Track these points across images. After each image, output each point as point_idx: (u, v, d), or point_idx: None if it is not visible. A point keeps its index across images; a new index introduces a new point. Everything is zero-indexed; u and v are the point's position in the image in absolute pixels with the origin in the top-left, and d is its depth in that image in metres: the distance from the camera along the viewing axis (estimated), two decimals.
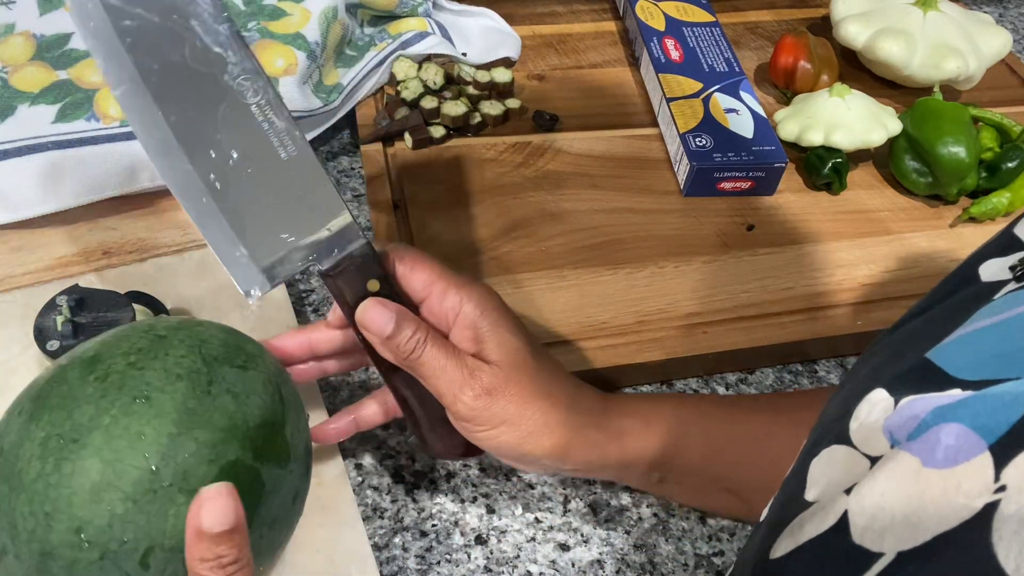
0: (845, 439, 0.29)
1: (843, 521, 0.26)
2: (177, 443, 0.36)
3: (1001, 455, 0.23)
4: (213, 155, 0.40)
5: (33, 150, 0.59)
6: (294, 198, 0.42)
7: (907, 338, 0.32)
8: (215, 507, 0.34)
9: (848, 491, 0.27)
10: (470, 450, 0.46)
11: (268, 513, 0.39)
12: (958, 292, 0.33)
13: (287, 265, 0.42)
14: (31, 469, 0.35)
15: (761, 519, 0.33)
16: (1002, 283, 0.31)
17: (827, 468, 0.29)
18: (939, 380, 0.27)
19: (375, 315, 0.42)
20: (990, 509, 0.23)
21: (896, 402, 0.28)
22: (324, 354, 0.48)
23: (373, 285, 0.43)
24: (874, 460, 0.27)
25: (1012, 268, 0.32)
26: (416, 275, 0.44)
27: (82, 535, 0.35)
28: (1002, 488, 0.23)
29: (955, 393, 0.26)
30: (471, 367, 0.43)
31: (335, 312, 0.46)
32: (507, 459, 0.45)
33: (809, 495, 0.29)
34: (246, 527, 0.35)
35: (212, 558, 0.34)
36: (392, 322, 0.41)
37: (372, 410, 0.48)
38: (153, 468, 0.35)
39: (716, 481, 0.48)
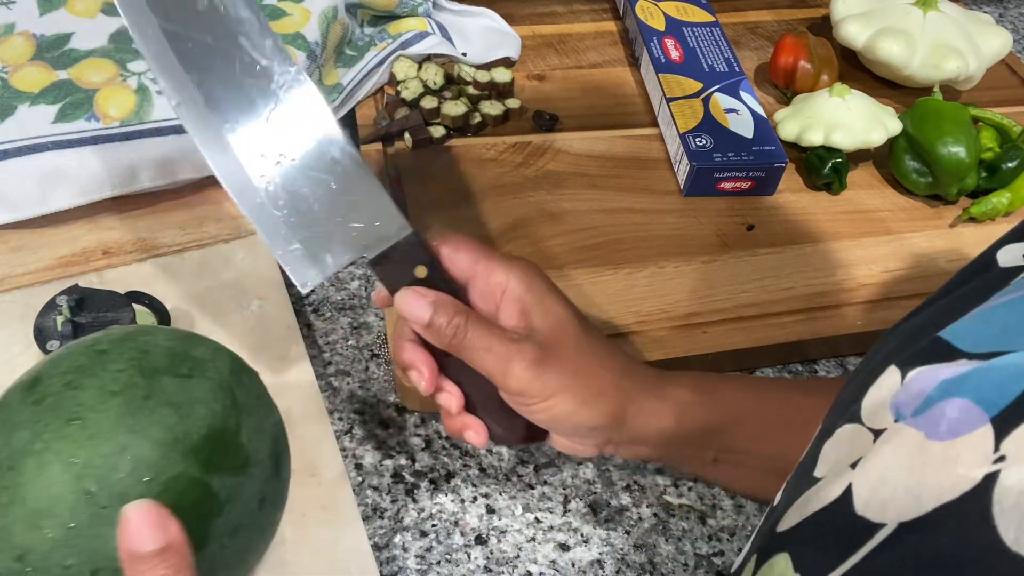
0: (856, 418, 0.29)
1: (847, 494, 0.26)
2: (111, 463, 0.35)
3: (1002, 427, 0.24)
4: (263, 156, 0.43)
5: (33, 150, 0.59)
6: (342, 195, 0.43)
7: (922, 325, 0.32)
8: (139, 527, 0.33)
9: (853, 466, 0.27)
10: (532, 434, 0.46)
11: (226, 523, 0.37)
12: (975, 279, 0.33)
13: (338, 257, 0.43)
14: None
15: (775, 503, 0.33)
16: (1020, 268, 0.31)
17: (836, 446, 0.29)
18: (946, 353, 0.27)
19: (412, 303, 0.42)
20: (990, 480, 0.23)
21: (903, 376, 0.28)
22: None
23: (420, 271, 0.44)
24: (877, 433, 0.27)
25: None
26: (461, 256, 0.44)
27: (25, 562, 0.34)
28: (1002, 458, 0.23)
29: (960, 364, 0.26)
30: (517, 341, 0.42)
31: (379, 294, 0.46)
32: (564, 433, 0.45)
33: (818, 472, 0.29)
34: (184, 542, 0.34)
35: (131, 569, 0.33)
36: (429, 309, 0.42)
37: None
38: (89, 491, 0.34)
39: (769, 461, 0.47)
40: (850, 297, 0.62)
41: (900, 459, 0.25)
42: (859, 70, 0.82)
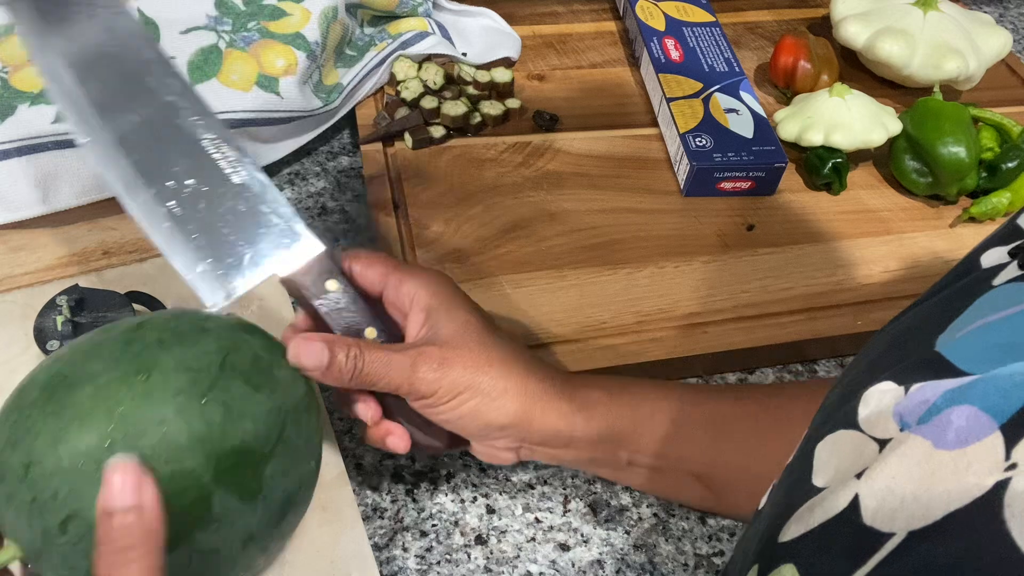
0: (853, 424, 0.29)
1: (854, 504, 0.26)
2: (143, 428, 0.36)
3: (1012, 434, 0.23)
4: (172, 185, 0.44)
5: (33, 150, 0.59)
6: (250, 215, 0.45)
7: (906, 330, 0.32)
8: (121, 481, 0.33)
9: (859, 476, 0.27)
10: (453, 441, 0.46)
11: (207, 541, 0.37)
12: (958, 283, 0.33)
13: (249, 276, 0.44)
14: (33, 394, 0.37)
15: (760, 507, 0.33)
16: (1001, 266, 0.31)
17: (834, 452, 0.29)
18: (948, 372, 0.27)
19: (307, 351, 0.42)
20: (1001, 487, 0.23)
21: (906, 390, 0.28)
22: None
23: (332, 284, 0.45)
24: (883, 443, 0.27)
25: (1011, 252, 0.32)
26: (372, 270, 0.46)
27: (28, 471, 0.35)
28: (1013, 466, 0.23)
29: (963, 379, 0.26)
30: (417, 347, 0.43)
31: (300, 316, 0.47)
32: (476, 436, 0.45)
33: (817, 480, 0.29)
34: (158, 520, 0.34)
35: (108, 538, 0.33)
36: (325, 351, 0.42)
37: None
38: (109, 442, 0.35)
39: (684, 463, 0.47)
40: (850, 297, 0.62)
41: (908, 468, 0.25)
42: (859, 70, 0.82)
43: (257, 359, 0.40)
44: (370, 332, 0.45)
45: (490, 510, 0.51)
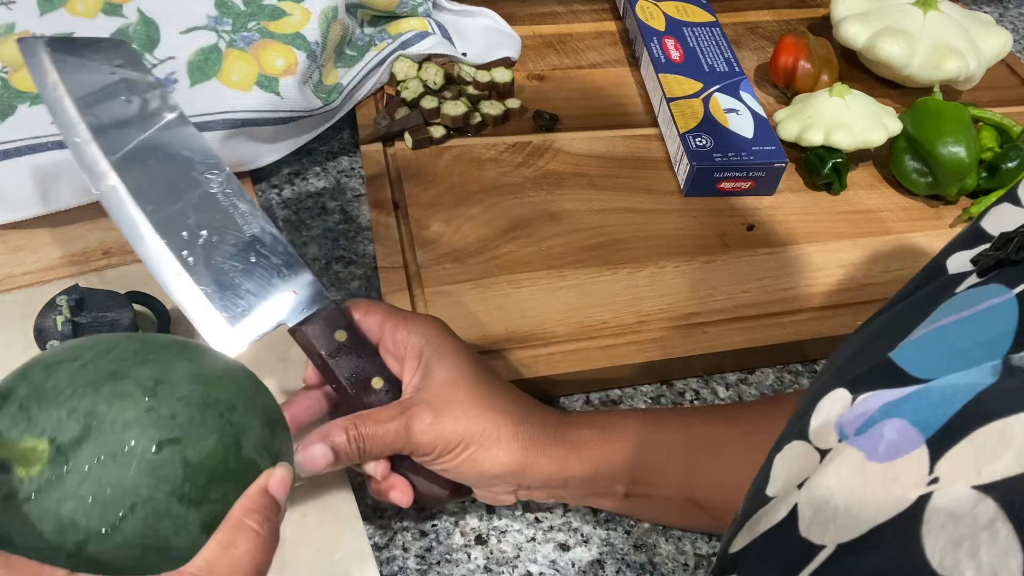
0: (804, 435, 0.29)
1: (792, 514, 0.27)
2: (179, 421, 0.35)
3: (937, 448, 0.24)
4: (185, 236, 0.46)
5: (33, 150, 0.59)
6: (261, 267, 0.47)
7: (872, 336, 0.33)
8: (282, 480, 0.37)
9: (800, 486, 0.27)
10: (457, 490, 0.47)
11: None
12: (926, 286, 0.33)
13: (259, 326, 0.46)
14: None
15: (736, 517, 0.33)
16: (965, 275, 0.31)
17: (786, 463, 0.30)
18: (899, 379, 0.27)
19: (311, 457, 0.43)
20: (923, 501, 0.23)
21: (854, 400, 0.28)
22: (309, 423, 0.48)
23: (340, 335, 0.46)
24: (823, 453, 0.28)
25: (973, 261, 0.32)
26: (370, 319, 0.47)
27: (81, 420, 0.34)
28: (935, 480, 0.23)
29: (904, 389, 0.26)
30: (408, 408, 0.44)
31: (309, 369, 0.48)
32: (474, 484, 0.47)
33: (770, 491, 0.29)
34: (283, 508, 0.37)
35: (259, 508, 0.35)
36: (328, 450, 0.43)
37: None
38: (152, 407, 0.34)
39: (679, 490, 0.48)
40: (850, 297, 0.62)
41: (842, 480, 0.25)
42: (859, 70, 0.82)
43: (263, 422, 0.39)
44: (376, 382, 0.46)
45: (490, 510, 0.51)
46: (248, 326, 0.45)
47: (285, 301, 0.46)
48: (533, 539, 0.50)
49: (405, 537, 0.49)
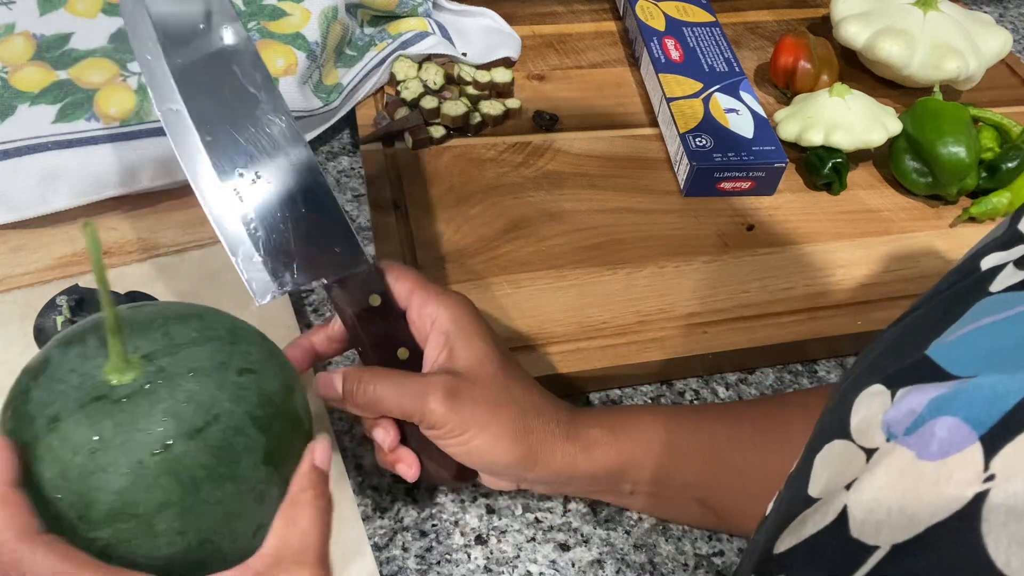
0: (845, 433, 0.29)
1: (842, 516, 0.26)
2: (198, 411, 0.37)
3: (991, 445, 0.24)
4: (240, 174, 0.46)
5: (33, 150, 0.59)
6: (308, 220, 0.46)
7: (904, 333, 0.32)
8: (325, 451, 0.40)
9: (848, 487, 0.27)
10: (462, 473, 0.47)
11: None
12: (956, 286, 0.33)
13: (298, 278, 0.46)
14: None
15: (766, 514, 0.33)
16: (995, 271, 0.31)
17: (828, 462, 0.29)
18: (938, 376, 0.27)
19: (325, 383, 0.45)
20: (979, 499, 0.23)
21: (893, 395, 0.28)
22: (325, 357, 0.49)
23: (374, 300, 0.46)
24: (870, 453, 0.27)
25: (1017, 263, 0.31)
26: (399, 286, 0.47)
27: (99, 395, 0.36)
28: (991, 477, 0.23)
29: (949, 384, 0.26)
30: (432, 378, 0.44)
31: (336, 324, 0.48)
32: (479, 467, 0.46)
33: (812, 491, 0.29)
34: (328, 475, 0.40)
35: (311, 484, 0.39)
36: (339, 383, 0.44)
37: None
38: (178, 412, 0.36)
39: (685, 490, 0.48)
40: (850, 297, 0.62)
41: (893, 480, 0.25)
42: (859, 70, 0.82)
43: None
44: (402, 352, 0.46)
45: (490, 510, 0.51)
46: (287, 276, 0.45)
47: (326, 257, 0.46)
48: (533, 539, 0.50)
49: (405, 537, 0.50)
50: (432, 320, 0.46)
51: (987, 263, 0.32)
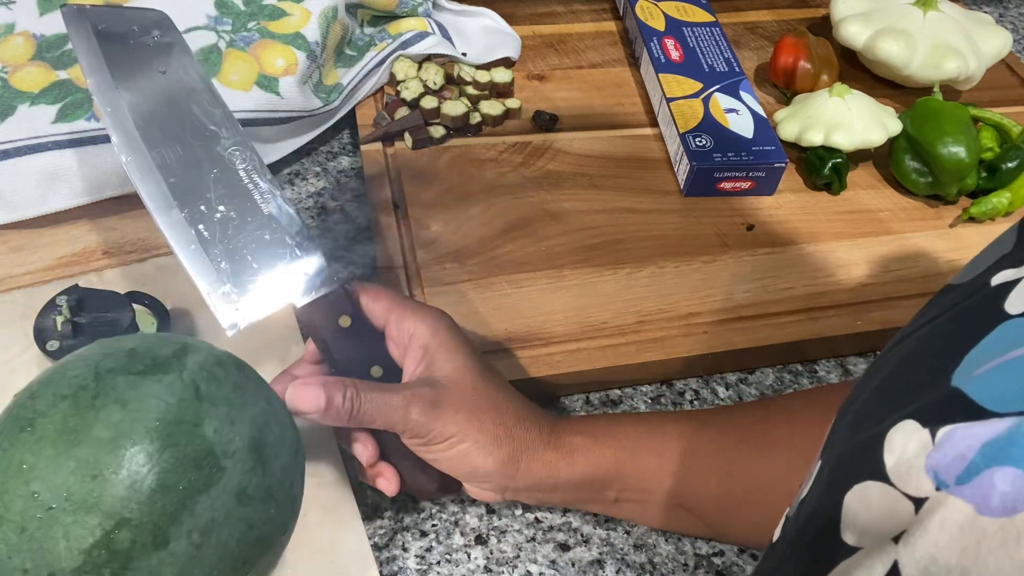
0: (880, 475, 0.27)
1: (894, 572, 0.25)
2: (56, 464, 0.36)
3: None
4: (203, 209, 0.46)
5: (33, 150, 0.59)
6: (275, 246, 0.47)
7: (912, 358, 0.31)
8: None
9: (896, 539, 0.25)
10: (444, 485, 0.47)
11: (195, 517, 0.37)
12: (964, 303, 0.31)
13: (265, 305, 0.46)
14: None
15: (774, 540, 0.32)
16: (1007, 287, 0.30)
17: (863, 507, 0.27)
18: (974, 413, 0.25)
19: (304, 395, 0.43)
20: None
21: (933, 434, 0.26)
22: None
23: (344, 321, 0.46)
24: (917, 502, 0.25)
25: None
26: (376, 305, 0.47)
27: None
28: None
29: (996, 424, 0.24)
30: (412, 388, 0.44)
31: (309, 348, 0.48)
32: (462, 477, 0.46)
33: (847, 536, 0.27)
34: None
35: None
36: (322, 395, 0.43)
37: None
38: (35, 493, 0.35)
39: (671, 497, 0.47)
40: (850, 297, 0.62)
41: (951, 537, 0.24)
42: (859, 70, 0.82)
43: (131, 352, 0.40)
44: (375, 370, 0.47)
45: (490, 510, 0.51)
46: (255, 303, 0.46)
47: (294, 281, 0.46)
48: (533, 539, 0.50)
49: (405, 537, 0.49)
50: (411, 334, 0.46)
51: (999, 280, 0.31)
